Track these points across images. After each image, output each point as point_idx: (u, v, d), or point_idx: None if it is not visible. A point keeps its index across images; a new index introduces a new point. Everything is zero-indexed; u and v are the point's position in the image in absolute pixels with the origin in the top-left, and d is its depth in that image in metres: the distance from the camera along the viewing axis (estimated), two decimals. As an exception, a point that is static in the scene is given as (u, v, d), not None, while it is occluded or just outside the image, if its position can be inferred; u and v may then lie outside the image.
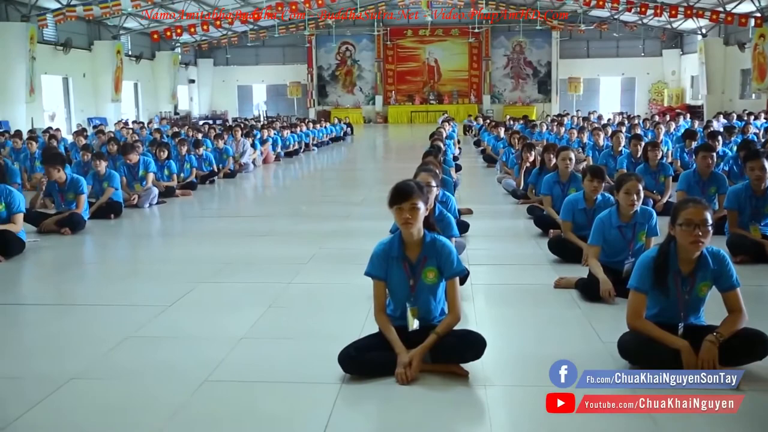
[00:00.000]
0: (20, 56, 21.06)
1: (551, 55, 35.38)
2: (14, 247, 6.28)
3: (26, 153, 12.03)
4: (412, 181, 3.64)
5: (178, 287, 5.13)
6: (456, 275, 3.55)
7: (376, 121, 35.76)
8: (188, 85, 36.12)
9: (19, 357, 3.91)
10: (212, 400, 3.23)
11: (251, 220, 8.74)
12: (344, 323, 4.22)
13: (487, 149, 14.90)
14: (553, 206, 6.83)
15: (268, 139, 15.96)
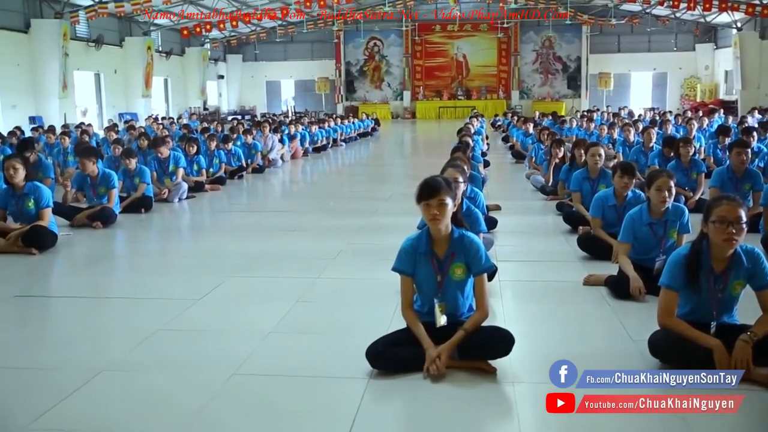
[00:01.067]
0: (54, 53, 21.42)
1: (581, 50, 35.02)
2: (47, 240, 6.39)
3: (59, 148, 12.22)
4: (439, 177, 3.63)
5: (208, 281, 5.18)
6: (484, 271, 3.54)
7: (403, 116, 35.72)
8: (217, 80, 36.40)
9: (53, 348, 3.97)
10: (240, 394, 3.26)
11: (279, 215, 8.79)
12: (372, 318, 4.22)
13: (515, 145, 14.81)
14: (583, 203, 6.77)
15: (296, 134, 16.02)
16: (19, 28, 21.19)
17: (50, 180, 8.82)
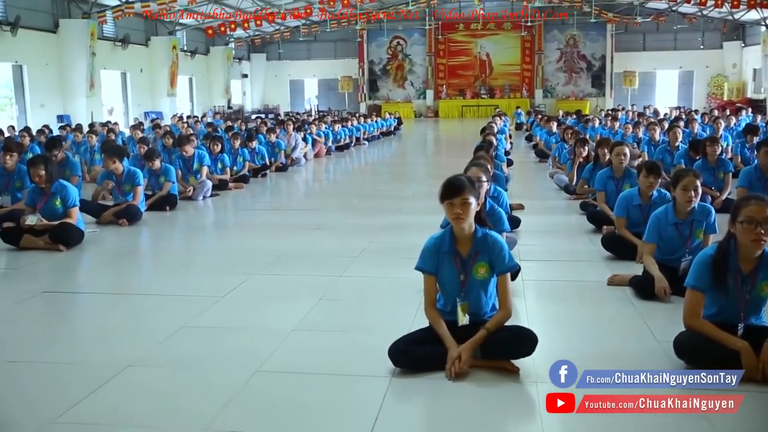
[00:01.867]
0: (81, 52, 21.71)
1: (606, 49, 34.72)
2: (74, 237, 6.48)
3: (86, 146, 12.38)
4: (463, 176, 3.62)
5: (231, 279, 5.22)
6: (507, 271, 3.52)
7: (426, 115, 35.67)
8: (241, 79, 36.62)
9: (79, 343, 4.03)
10: (264, 391, 3.28)
11: (303, 213, 8.82)
12: (394, 317, 4.23)
13: (539, 144, 14.72)
14: (607, 202, 6.71)
15: (320, 133, 16.07)
16: (48, 28, 21.50)
17: (77, 178, 8.92)
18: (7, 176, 7.73)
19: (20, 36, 20.00)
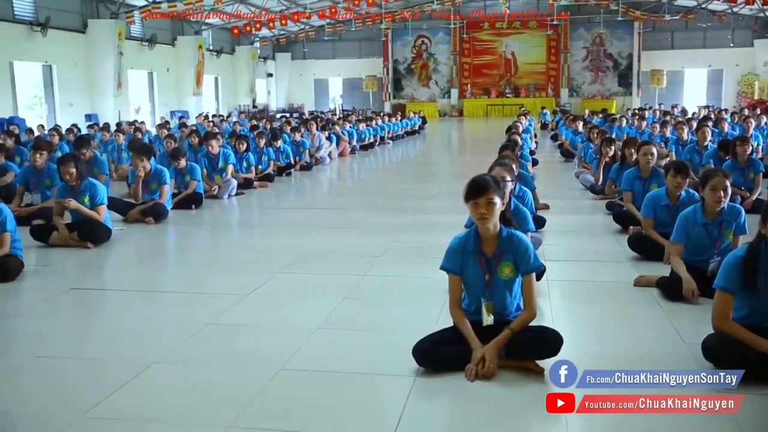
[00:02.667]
0: (109, 52, 21.99)
1: (633, 47, 34.37)
2: (101, 235, 6.56)
3: (114, 145, 12.52)
4: (488, 175, 3.60)
5: (256, 277, 5.25)
6: (533, 271, 3.50)
7: (451, 114, 35.60)
8: (266, 78, 36.83)
9: (106, 340, 4.08)
10: (288, 389, 3.29)
11: (327, 212, 8.85)
12: (419, 316, 4.22)
13: (564, 143, 14.62)
14: (634, 202, 6.64)
15: (344, 132, 16.10)
16: (77, 29, 21.80)
17: (105, 176, 9.03)
18: (37, 174, 7.85)
19: (50, 36, 20.31)
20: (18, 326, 4.52)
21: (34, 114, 20.71)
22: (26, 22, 19.81)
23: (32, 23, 19.94)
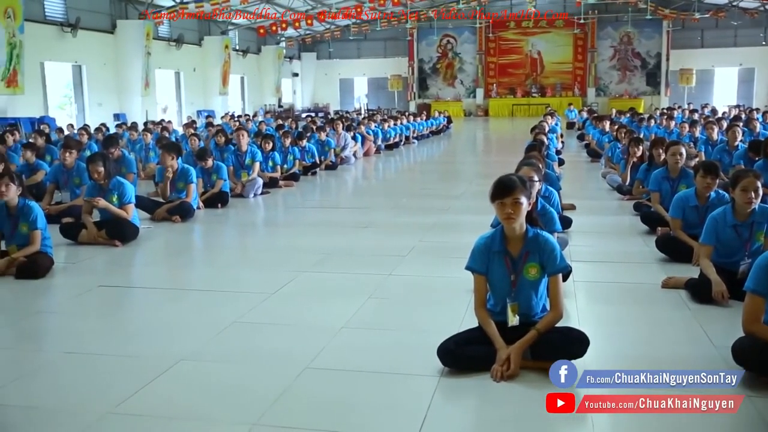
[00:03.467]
0: (137, 52, 22.26)
1: (661, 46, 33.97)
2: (129, 233, 6.63)
3: (141, 144, 12.66)
4: (514, 175, 3.58)
5: (281, 276, 5.27)
6: (559, 272, 3.48)
7: (476, 114, 35.48)
8: (292, 78, 37.02)
9: (134, 336, 4.13)
10: (313, 387, 3.30)
11: (352, 211, 8.86)
12: (443, 316, 4.21)
13: (591, 143, 14.49)
14: (662, 203, 6.57)
15: (369, 131, 16.11)
16: (106, 29, 22.08)
17: (133, 175, 9.13)
18: (66, 173, 7.96)
19: (80, 37, 20.61)
20: (48, 322, 4.59)
21: (64, 113, 21.02)
22: (57, 23, 20.11)
23: (63, 24, 20.25)
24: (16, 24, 17.05)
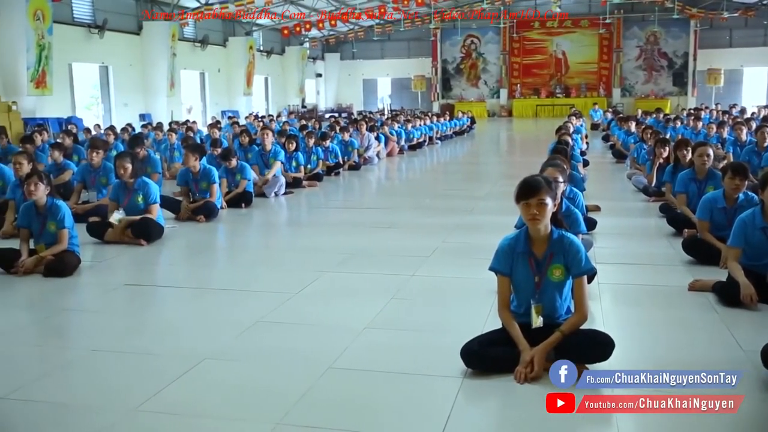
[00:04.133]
0: (163, 53, 22.47)
1: (689, 46, 33.56)
2: (155, 232, 6.70)
3: (166, 144, 12.77)
4: (539, 176, 3.56)
5: (305, 275, 5.29)
6: (584, 274, 3.44)
7: (500, 114, 35.34)
8: (315, 78, 37.13)
9: (159, 335, 4.16)
10: (336, 387, 3.31)
11: (375, 211, 8.87)
12: (467, 317, 4.20)
13: (616, 144, 14.36)
14: (688, 205, 6.49)
15: (393, 132, 16.11)
16: (132, 30, 22.32)
17: (158, 175, 9.22)
18: (93, 173, 8.06)
19: (107, 38, 20.86)
20: (75, 320, 4.65)
21: (91, 114, 21.27)
22: (84, 24, 20.36)
23: (90, 26, 20.50)
24: (45, 26, 17.30)
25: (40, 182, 5.58)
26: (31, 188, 5.55)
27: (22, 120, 16.79)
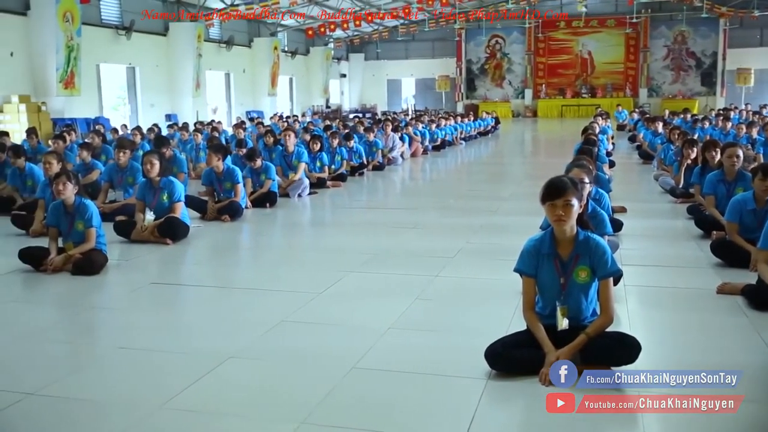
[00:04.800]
0: (189, 54, 22.68)
1: (717, 45, 33.10)
2: (180, 232, 6.75)
3: (192, 144, 12.87)
4: (565, 177, 3.53)
5: (329, 275, 5.30)
6: (610, 275, 3.41)
7: (524, 115, 35.15)
8: (340, 79, 37.21)
9: (184, 333, 4.20)
10: (360, 387, 3.31)
11: (399, 212, 8.86)
12: (491, 318, 4.18)
13: (643, 145, 14.21)
14: (717, 206, 6.40)
15: (417, 132, 16.09)
16: (159, 32, 22.55)
17: (183, 175, 9.29)
18: (120, 172, 8.14)
19: (134, 39, 21.09)
20: (102, 318, 4.71)
21: (118, 114, 21.53)
22: (112, 26, 20.61)
23: (118, 27, 20.75)
24: (74, 28, 17.55)
25: (69, 182, 5.66)
26: (60, 187, 5.63)
27: (51, 120, 17.06)
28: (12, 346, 3.98)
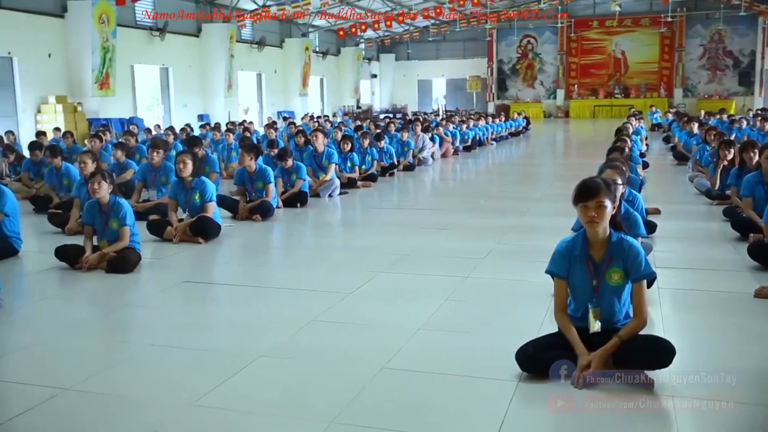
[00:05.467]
0: (221, 54, 22.89)
1: (756, 44, 32.42)
2: (212, 231, 6.81)
3: (224, 144, 12.98)
4: (598, 177, 3.49)
5: (359, 275, 5.31)
6: (644, 278, 3.36)
7: (556, 115, 34.84)
8: (370, 79, 37.26)
9: (215, 332, 4.24)
10: (390, 387, 3.31)
11: (429, 212, 8.84)
12: (522, 320, 4.15)
13: (677, 146, 13.99)
14: (754, 208, 6.27)
15: (447, 132, 16.05)
16: (191, 33, 22.79)
17: (215, 174, 9.38)
18: (153, 172, 8.24)
19: (167, 40, 21.34)
20: (135, 315, 4.77)
21: (152, 114, 21.80)
22: (146, 27, 20.89)
23: (151, 29, 21.02)
24: (109, 29, 17.83)
25: (104, 181, 5.74)
26: (95, 186, 5.71)
27: (86, 120, 17.36)
28: (48, 342, 4.05)
